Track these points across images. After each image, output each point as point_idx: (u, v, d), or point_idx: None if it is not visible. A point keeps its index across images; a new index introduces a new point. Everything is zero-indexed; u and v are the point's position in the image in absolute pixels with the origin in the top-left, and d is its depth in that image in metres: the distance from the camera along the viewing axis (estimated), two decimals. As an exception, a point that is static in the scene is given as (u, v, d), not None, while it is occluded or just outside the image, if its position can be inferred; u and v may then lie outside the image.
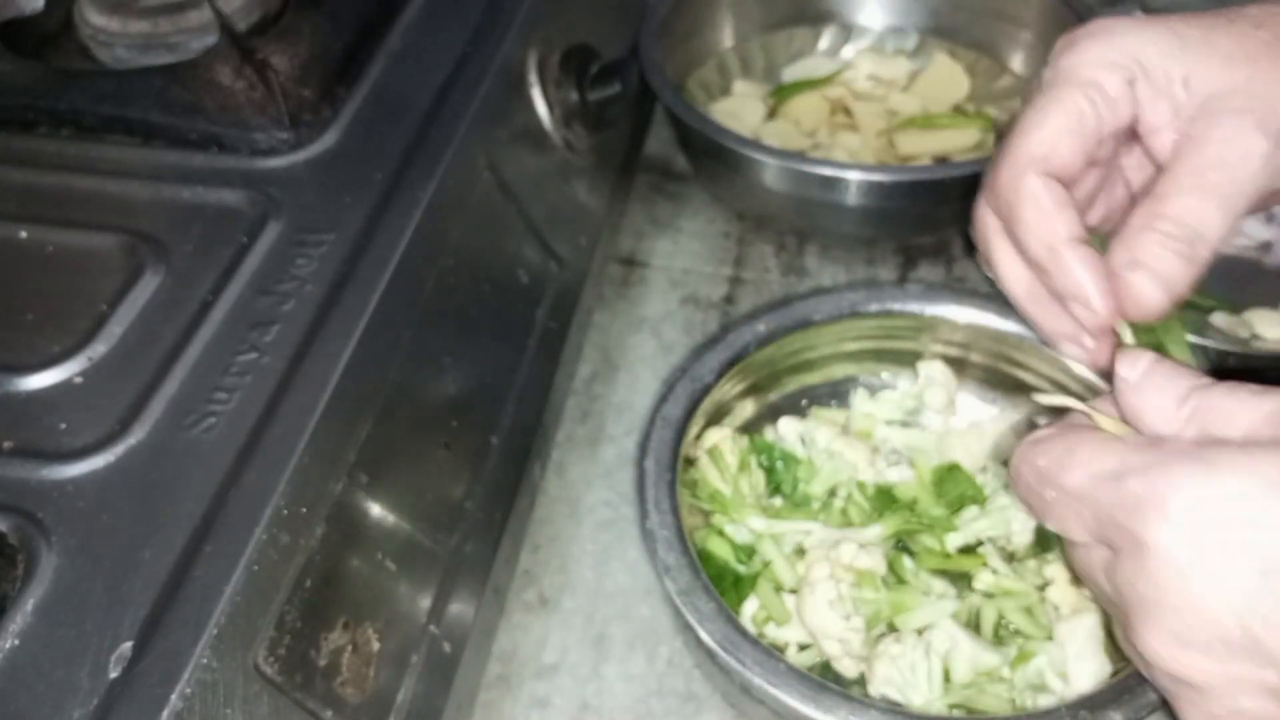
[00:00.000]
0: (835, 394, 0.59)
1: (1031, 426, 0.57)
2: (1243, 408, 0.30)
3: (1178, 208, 0.36)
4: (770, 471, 0.55)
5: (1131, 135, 0.39)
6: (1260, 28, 0.37)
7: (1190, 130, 0.37)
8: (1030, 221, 0.37)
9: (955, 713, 0.47)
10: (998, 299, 0.57)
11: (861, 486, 0.54)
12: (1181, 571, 0.28)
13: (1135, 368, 0.33)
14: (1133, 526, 0.29)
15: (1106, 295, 0.36)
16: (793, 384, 0.59)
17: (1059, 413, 0.38)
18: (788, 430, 0.56)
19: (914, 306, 0.56)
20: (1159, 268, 0.36)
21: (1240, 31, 0.37)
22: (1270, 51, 0.36)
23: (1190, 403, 0.31)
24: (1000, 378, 0.58)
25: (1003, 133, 0.39)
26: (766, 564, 0.51)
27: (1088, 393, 0.53)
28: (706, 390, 0.53)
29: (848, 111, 0.77)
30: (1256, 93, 0.36)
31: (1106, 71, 0.37)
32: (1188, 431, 0.31)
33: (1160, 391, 0.32)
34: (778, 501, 0.54)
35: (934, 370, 0.58)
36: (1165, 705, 0.33)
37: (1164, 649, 0.29)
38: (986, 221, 0.40)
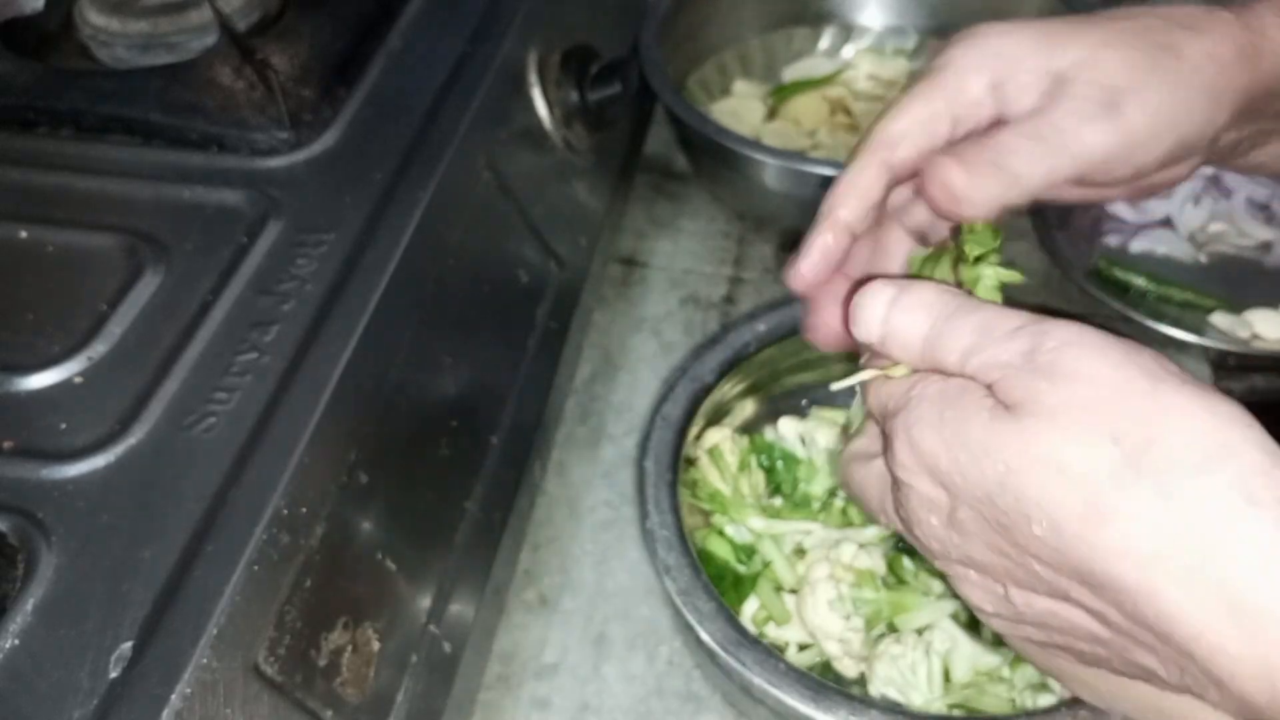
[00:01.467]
0: (835, 394, 0.59)
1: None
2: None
3: (1009, 145, 0.37)
4: (770, 471, 0.55)
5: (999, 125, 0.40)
6: (1130, 19, 0.38)
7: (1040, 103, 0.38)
8: (838, 193, 0.40)
9: (955, 713, 0.47)
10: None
11: None
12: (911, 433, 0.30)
13: (875, 316, 0.33)
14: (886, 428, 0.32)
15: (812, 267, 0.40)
16: (793, 384, 0.59)
17: None
18: (788, 430, 0.56)
19: (914, 306, 0.56)
20: (978, 178, 0.37)
21: (1108, 22, 0.38)
22: (1129, 37, 0.38)
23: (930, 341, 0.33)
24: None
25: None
26: (766, 564, 0.51)
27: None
28: (706, 390, 0.53)
29: (848, 111, 0.77)
30: (1103, 71, 0.37)
31: (971, 75, 0.38)
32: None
33: (902, 336, 0.33)
34: (778, 501, 0.54)
35: None
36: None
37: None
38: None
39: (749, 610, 0.51)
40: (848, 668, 0.49)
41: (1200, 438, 0.26)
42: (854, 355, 0.53)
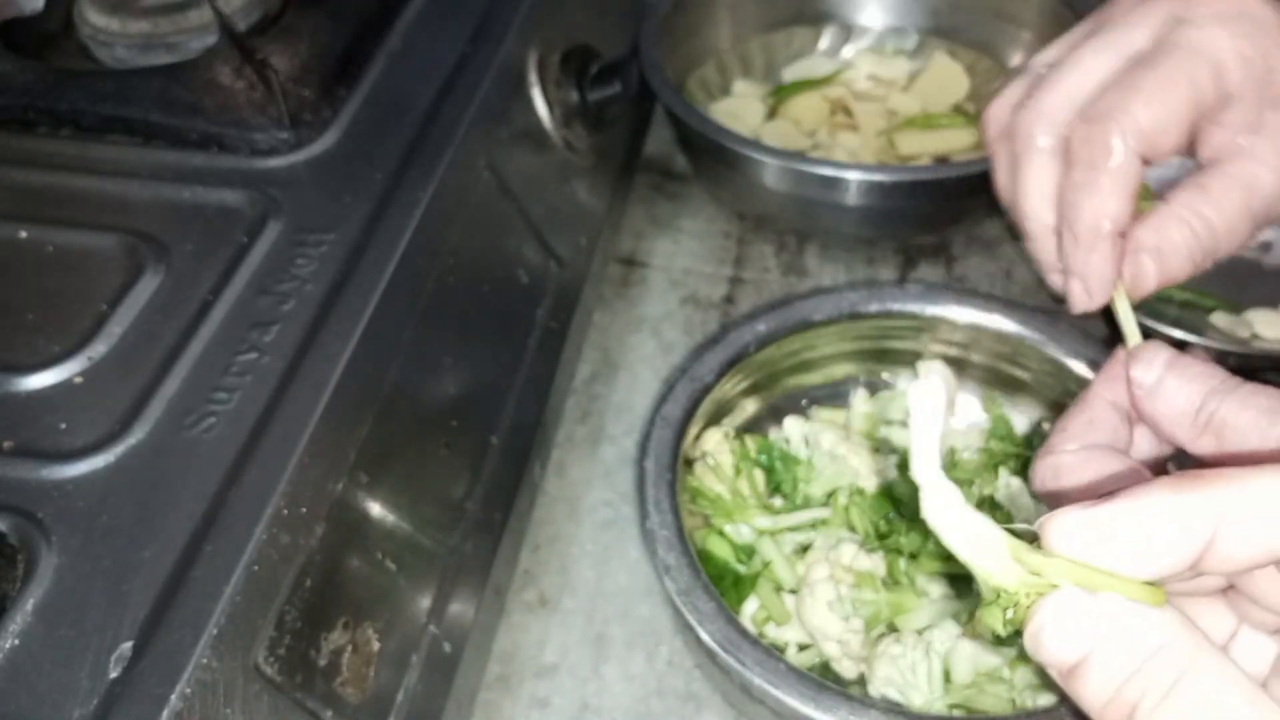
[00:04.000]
0: (835, 394, 0.59)
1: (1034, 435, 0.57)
2: (1255, 428, 0.29)
3: (1218, 212, 0.36)
4: (770, 471, 0.54)
5: None
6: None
7: (1257, 132, 0.36)
8: (1100, 190, 0.36)
9: (955, 713, 0.47)
10: (998, 299, 0.57)
11: (862, 495, 0.53)
12: None
13: (1150, 370, 0.31)
14: None
15: (1105, 285, 0.36)
16: (793, 384, 0.59)
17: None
18: (793, 430, 0.56)
19: (914, 306, 0.56)
20: (1172, 263, 0.36)
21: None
22: None
23: (1205, 411, 0.30)
24: (1000, 378, 0.58)
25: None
26: (766, 564, 0.51)
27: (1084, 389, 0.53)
28: (706, 390, 0.53)
29: (848, 111, 0.77)
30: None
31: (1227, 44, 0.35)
32: (1202, 444, 0.30)
33: (1174, 398, 0.31)
34: (778, 502, 0.54)
35: (934, 370, 0.58)
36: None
37: None
38: (1038, 140, 0.38)
39: (749, 610, 0.51)
40: (847, 669, 0.49)
41: None
42: (858, 356, 0.53)
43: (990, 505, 0.53)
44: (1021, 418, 0.57)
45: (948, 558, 0.52)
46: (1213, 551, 0.23)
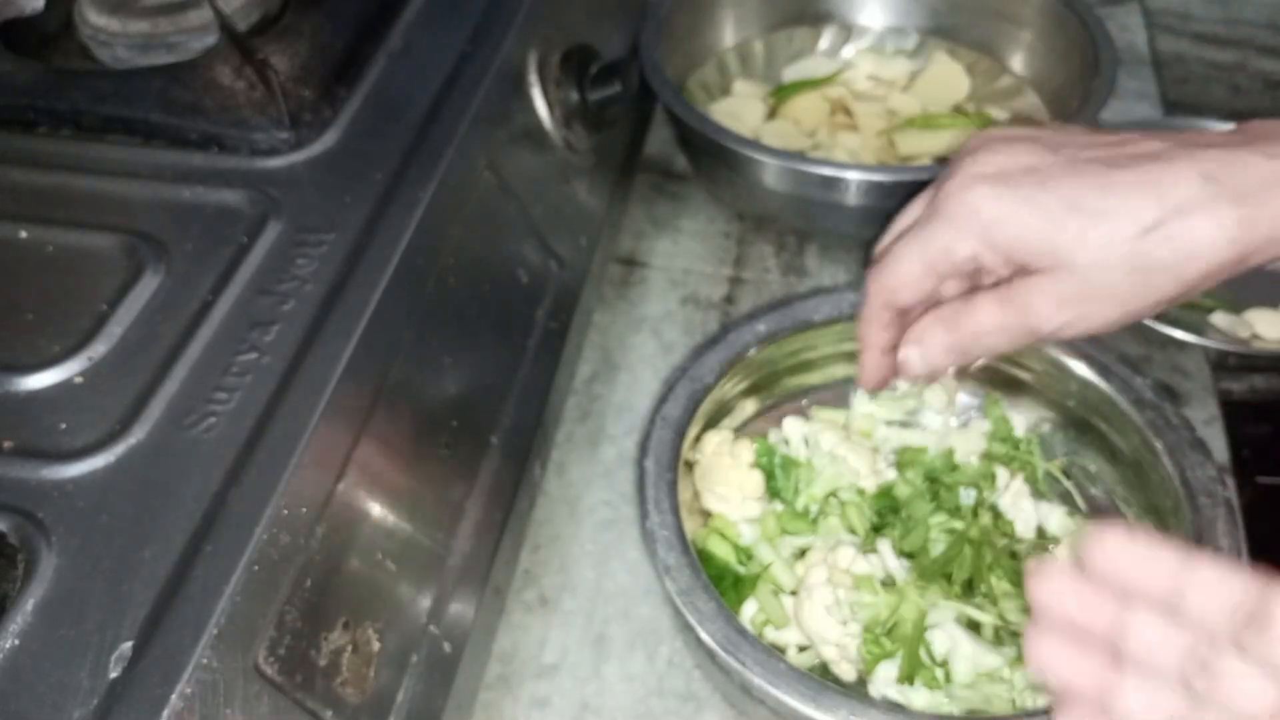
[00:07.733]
0: (835, 394, 0.59)
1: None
2: None
3: (972, 322, 0.44)
4: (770, 476, 0.54)
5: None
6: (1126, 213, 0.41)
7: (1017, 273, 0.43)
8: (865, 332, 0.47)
9: (955, 713, 0.47)
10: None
11: (862, 496, 0.53)
12: None
13: None
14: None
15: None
16: (793, 384, 0.59)
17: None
18: (792, 430, 0.56)
19: (914, 306, 0.56)
20: (931, 355, 0.45)
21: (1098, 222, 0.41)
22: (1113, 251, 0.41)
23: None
24: (1000, 378, 0.58)
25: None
26: (765, 566, 0.51)
27: (1084, 389, 0.53)
28: (706, 390, 0.53)
29: (848, 111, 0.77)
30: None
31: (960, 241, 0.43)
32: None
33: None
34: (777, 506, 0.54)
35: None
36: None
37: None
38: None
39: (748, 613, 0.51)
40: (845, 671, 0.49)
41: None
42: (858, 356, 0.53)
43: (991, 510, 0.53)
44: (1021, 418, 0.57)
45: (949, 558, 0.52)
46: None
